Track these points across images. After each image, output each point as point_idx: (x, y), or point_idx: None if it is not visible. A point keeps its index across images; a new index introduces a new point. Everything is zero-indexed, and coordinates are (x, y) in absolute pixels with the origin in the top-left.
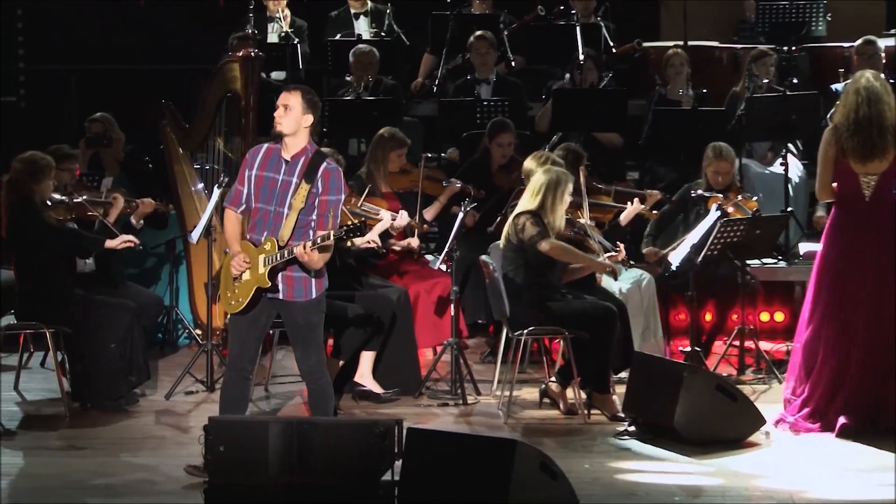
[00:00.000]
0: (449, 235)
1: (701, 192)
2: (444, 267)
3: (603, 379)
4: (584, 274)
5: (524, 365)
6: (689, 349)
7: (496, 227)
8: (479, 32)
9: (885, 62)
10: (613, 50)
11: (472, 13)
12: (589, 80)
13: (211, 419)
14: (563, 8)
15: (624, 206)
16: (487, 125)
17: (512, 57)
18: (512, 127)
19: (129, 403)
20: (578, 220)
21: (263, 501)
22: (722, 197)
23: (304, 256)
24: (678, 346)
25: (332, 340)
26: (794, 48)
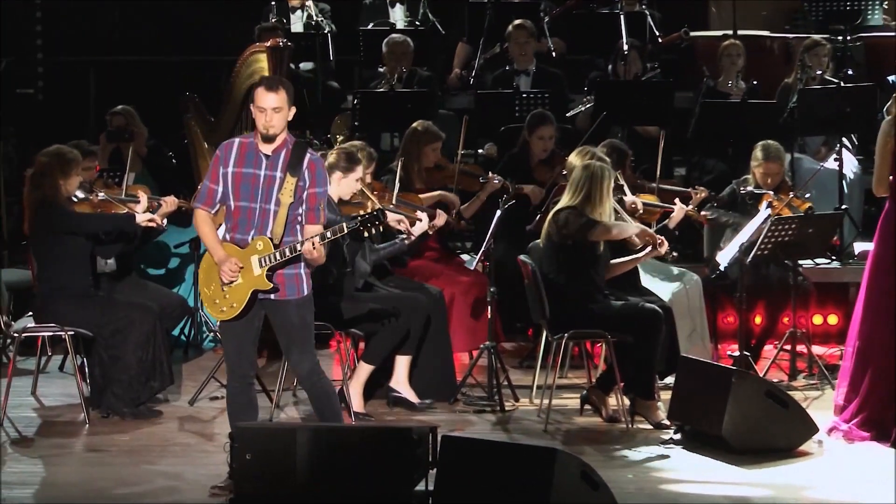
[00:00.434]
0: (486, 234)
1: (751, 189)
2: (480, 267)
3: (647, 384)
4: (628, 268)
5: (565, 370)
6: (737, 353)
7: (535, 225)
8: (517, 21)
9: None
10: (659, 40)
11: (510, 0)
12: (633, 71)
13: (236, 426)
14: None
15: (669, 206)
16: (526, 118)
17: (552, 42)
18: (553, 119)
19: (150, 410)
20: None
21: None
22: (773, 195)
23: (313, 253)
24: (726, 350)
25: (362, 344)
26: (848, 37)
